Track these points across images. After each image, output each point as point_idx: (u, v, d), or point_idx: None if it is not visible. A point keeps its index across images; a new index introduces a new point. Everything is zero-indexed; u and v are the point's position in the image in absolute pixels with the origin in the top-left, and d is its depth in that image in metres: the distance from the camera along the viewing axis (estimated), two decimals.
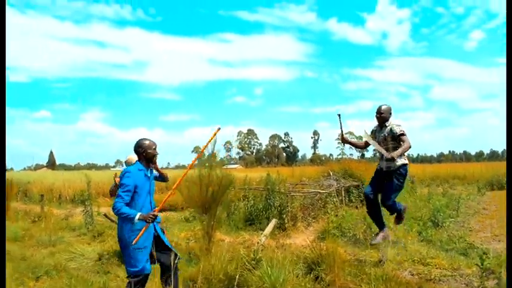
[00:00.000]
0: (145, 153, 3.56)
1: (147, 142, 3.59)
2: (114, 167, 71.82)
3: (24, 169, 67.42)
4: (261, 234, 6.36)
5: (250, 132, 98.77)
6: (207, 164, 4.92)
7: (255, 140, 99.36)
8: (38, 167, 74.22)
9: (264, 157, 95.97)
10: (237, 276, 3.93)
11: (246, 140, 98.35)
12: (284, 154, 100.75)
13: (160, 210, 3.70)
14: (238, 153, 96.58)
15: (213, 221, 4.82)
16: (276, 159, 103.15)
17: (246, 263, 4.18)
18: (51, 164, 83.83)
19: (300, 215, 7.93)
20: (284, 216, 7.52)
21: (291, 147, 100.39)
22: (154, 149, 3.62)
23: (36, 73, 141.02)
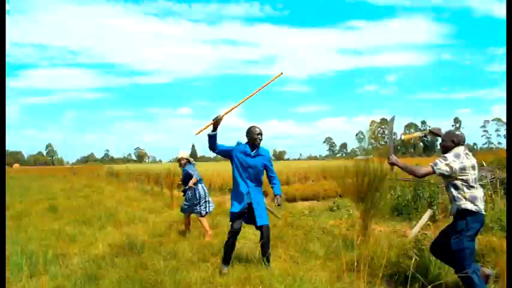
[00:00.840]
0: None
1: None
2: None
3: (170, 161, 76.53)
4: (413, 224, 6.35)
5: (384, 121, 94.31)
6: (361, 155, 5.12)
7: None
8: None
9: (399, 147, 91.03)
10: (401, 263, 4.07)
11: (379, 130, 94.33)
12: (421, 144, 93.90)
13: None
14: (371, 143, 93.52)
15: (370, 210, 5.03)
16: (412, 150, 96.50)
17: (408, 251, 4.29)
18: (194, 156, 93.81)
19: None
20: (435, 207, 7.35)
21: (428, 137, 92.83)
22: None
23: (177, 73, 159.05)
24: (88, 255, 5.33)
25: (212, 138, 4.42)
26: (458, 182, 3.53)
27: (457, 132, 3.72)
